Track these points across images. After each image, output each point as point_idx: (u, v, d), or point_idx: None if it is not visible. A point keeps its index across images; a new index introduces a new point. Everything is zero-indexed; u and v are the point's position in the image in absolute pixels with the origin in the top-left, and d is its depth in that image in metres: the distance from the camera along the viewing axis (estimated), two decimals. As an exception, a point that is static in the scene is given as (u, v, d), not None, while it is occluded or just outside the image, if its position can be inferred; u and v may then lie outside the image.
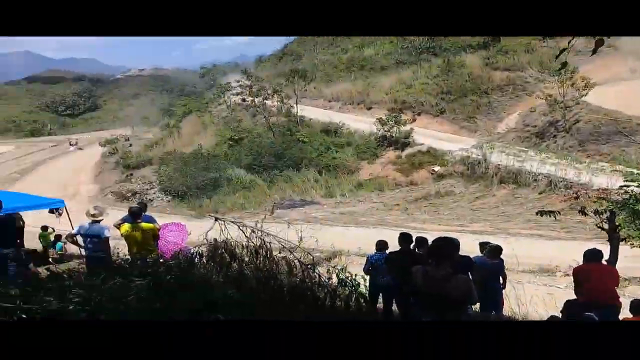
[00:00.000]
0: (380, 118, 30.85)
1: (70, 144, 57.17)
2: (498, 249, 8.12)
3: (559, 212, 9.50)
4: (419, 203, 23.06)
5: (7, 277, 6.71)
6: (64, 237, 12.46)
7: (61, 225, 14.58)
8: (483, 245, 8.58)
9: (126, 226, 7.75)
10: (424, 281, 4.16)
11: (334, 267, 6.57)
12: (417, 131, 30.41)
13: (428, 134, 30.72)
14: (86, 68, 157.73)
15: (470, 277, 5.62)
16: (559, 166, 22.57)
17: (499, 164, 24.47)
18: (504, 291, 8.20)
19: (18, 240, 8.50)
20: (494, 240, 10.13)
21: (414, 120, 32.53)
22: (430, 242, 4.80)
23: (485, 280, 7.31)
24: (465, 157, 26.41)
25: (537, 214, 9.33)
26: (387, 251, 8.12)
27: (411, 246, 7.61)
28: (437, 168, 26.85)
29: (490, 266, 7.86)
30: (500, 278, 8.09)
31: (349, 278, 6.15)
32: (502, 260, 8.16)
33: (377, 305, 8.02)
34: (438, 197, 23.48)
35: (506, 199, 22.24)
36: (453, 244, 4.15)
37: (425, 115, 33.43)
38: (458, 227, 17.76)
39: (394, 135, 30.24)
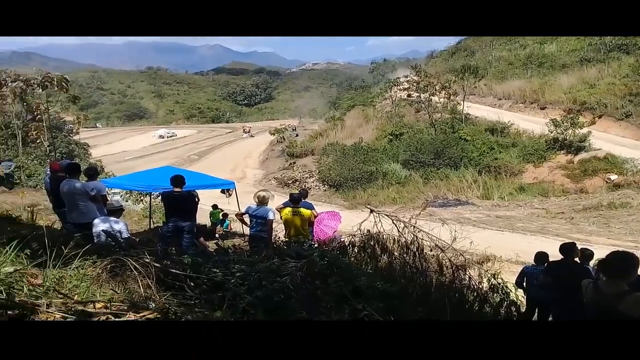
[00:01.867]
0: (555, 119, 28.59)
1: (244, 131, 62.72)
2: None
3: None
4: (587, 213, 20.86)
5: (182, 247, 7.52)
6: (234, 215, 13.70)
7: (229, 205, 15.97)
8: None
9: (287, 210, 8.27)
10: (594, 297, 3.83)
11: (486, 271, 6.33)
12: (595, 135, 27.64)
13: (607, 138, 27.69)
14: (266, 61, 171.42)
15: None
16: None
17: (689, 176, 21.18)
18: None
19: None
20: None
21: (593, 122, 29.59)
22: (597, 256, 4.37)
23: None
24: (649, 166, 23.25)
25: None
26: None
27: (575, 259, 7.01)
28: (613, 176, 24.03)
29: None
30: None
31: (501, 285, 5.89)
32: None
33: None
34: (611, 209, 20.95)
35: (693, 216, 19.20)
36: (633, 260, 3.75)
37: (607, 118, 30.09)
38: (630, 243, 15.72)
39: (567, 138, 27.76)
